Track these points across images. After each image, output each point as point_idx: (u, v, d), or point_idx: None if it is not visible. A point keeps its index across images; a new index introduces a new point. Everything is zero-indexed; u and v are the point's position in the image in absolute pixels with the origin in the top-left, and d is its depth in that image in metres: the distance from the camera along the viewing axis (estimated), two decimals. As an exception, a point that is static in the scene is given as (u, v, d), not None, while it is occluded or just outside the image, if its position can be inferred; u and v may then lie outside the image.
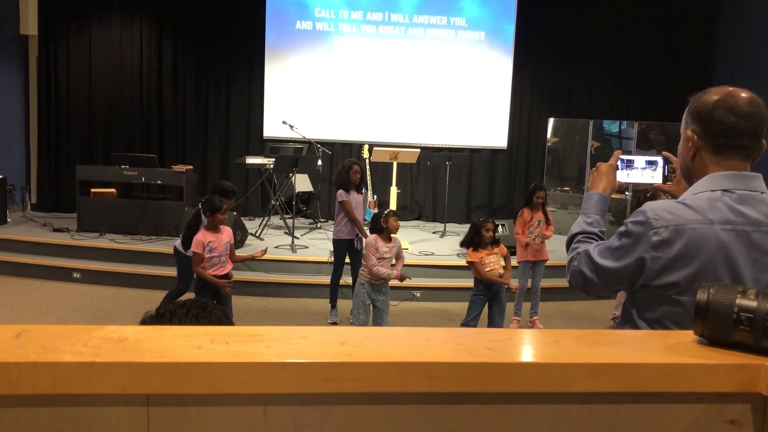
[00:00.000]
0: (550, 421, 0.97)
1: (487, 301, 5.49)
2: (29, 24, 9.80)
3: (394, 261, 5.51)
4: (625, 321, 1.74)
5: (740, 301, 1.01)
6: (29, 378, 0.87)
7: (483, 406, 0.96)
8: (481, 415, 0.96)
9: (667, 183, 1.99)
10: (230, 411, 0.92)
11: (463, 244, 5.69)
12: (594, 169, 1.98)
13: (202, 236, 5.00)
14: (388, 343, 1.00)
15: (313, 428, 0.94)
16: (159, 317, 1.41)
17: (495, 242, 5.49)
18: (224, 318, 1.48)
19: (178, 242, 5.60)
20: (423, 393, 0.94)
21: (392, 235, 5.48)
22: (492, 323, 5.48)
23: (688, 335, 1.07)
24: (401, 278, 5.50)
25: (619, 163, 1.99)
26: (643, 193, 6.65)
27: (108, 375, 0.88)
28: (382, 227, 5.37)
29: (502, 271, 5.42)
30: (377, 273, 5.32)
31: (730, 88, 1.63)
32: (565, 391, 0.96)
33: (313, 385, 0.91)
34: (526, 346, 1.04)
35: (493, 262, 5.40)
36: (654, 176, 1.99)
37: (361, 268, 5.48)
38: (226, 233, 5.14)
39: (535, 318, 6.36)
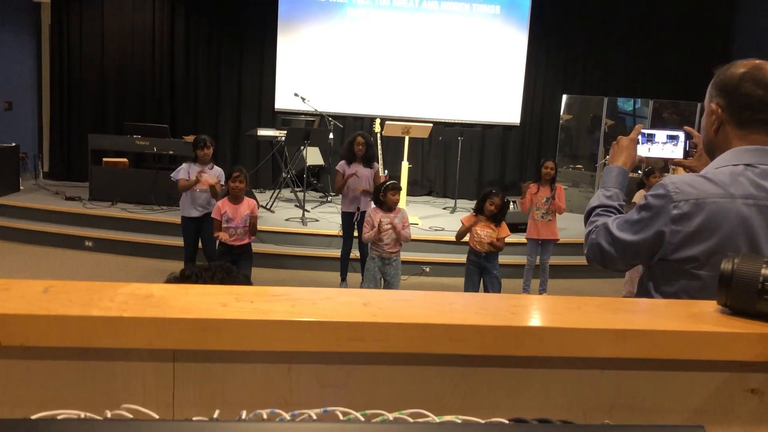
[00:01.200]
0: (572, 386, 0.98)
1: (480, 273, 5.49)
2: (42, -9, 9.78)
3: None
4: (641, 294, 1.73)
5: (766, 271, 1.01)
6: (58, 331, 0.88)
7: (505, 370, 0.97)
8: (502, 379, 0.97)
9: (688, 158, 1.98)
10: (255, 368, 0.93)
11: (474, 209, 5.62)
12: (615, 142, 1.97)
13: (221, 203, 5.16)
14: (412, 305, 1.00)
15: (336, 387, 0.95)
16: (184, 279, 1.42)
17: (497, 220, 5.41)
18: (247, 284, 1.49)
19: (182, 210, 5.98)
20: (445, 354, 0.94)
21: (399, 206, 5.47)
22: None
23: (711, 305, 1.07)
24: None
25: (639, 137, 1.97)
26: (646, 170, 6.58)
27: (135, 330, 0.89)
28: (380, 200, 5.38)
29: (487, 247, 5.37)
30: (366, 240, 5.36)
31: (757, 61, 1.61)
32: (587, 356, 0.96)
33: (337, 344, 0.92)
34: (549, 312, 1.05)
35: (483, 235, 5.36)
36: (675, 151, 1.97)
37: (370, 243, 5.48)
38: (247, 205, 5.21)
39: (544, 295, 6.38)
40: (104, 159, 8.68)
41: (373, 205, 5.59)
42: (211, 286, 1.07)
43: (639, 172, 8.71)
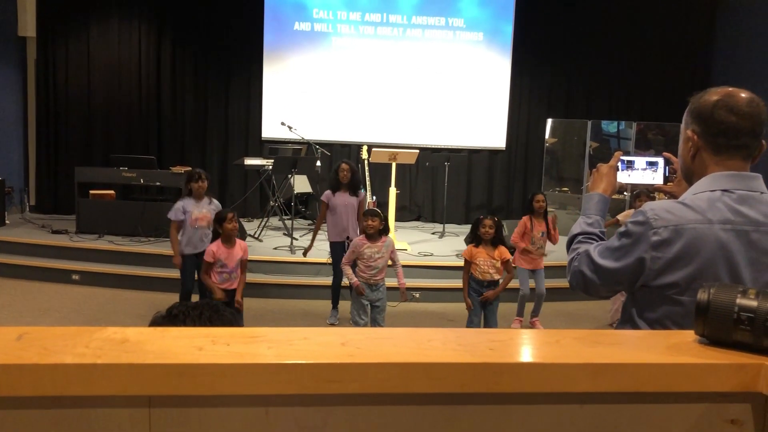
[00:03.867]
0: (552, 421, 0.98)
1: (483, 302, 5.39)
2: (27, 26, 9.79)
3: (390, 263, 5.44)
4: (625, 321, 1.74)
5: (741, 300, 1.01)
6: (31, 380, 0.87)
7: (484, 407, 0.96)
8: (482, 416, 0.96)
9: (668, 183, 2.00)
10: (232, 412, 0.92)
11: (466, 240, 5.51)
12: (595, 170, 1.99)
13: (215, 248, 5.03)
14: (390, 343, 1.00)
15: (314, 429, 0.94)
16: (172, 318, 1.41)
17: (495, 244, 5.34)
18: (236, 321, 1.48)
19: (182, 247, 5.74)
20: (424, 394, 0.94)
21: (386, 235, 5.38)
22: (487, 323, 5.43)
23: (689, 335, 1.07)
24: (361, 291, 5.28)
25: (619, 164, 1.99)
26: (634, 193, 6.57)
27: (109, 376, 0.88)
28: (363, 228, 5.36)
29: (495, 277, 5.33)
30: (345, 272, 5.36)
31: (730, 89, 1.64)
32: (567, 391, 0.96)
33: (315, 386, 0.91)
34: (527, 347, 1.04)
35: (484, 265, 5.29)
36: (655, 177, 1.99)
37: (356, 269, 5.43)
38: (240, 249, 5.12)
39: (535, 319, 6.35)
40: (91, 191, 8.65)
41: (358, 234, 5.57)
42: (188, 329, 1.06)
43: (625, 193, 8.80)
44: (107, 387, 0.88)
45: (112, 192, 8.87)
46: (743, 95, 1.61)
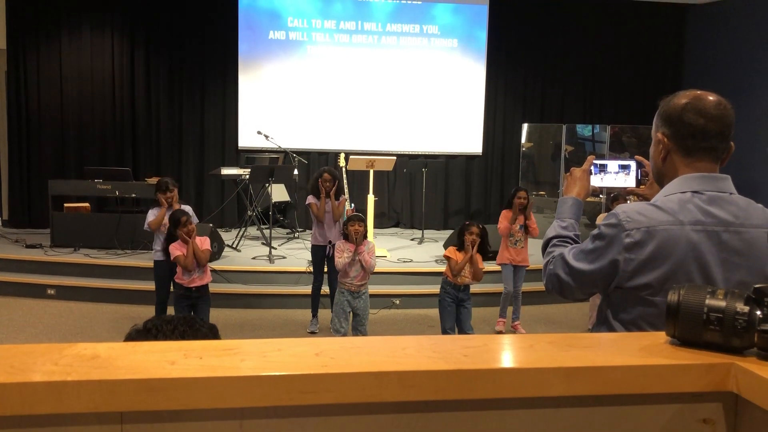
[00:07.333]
0: (527, 426, 0.98)
1: (456, 305, 5.42)
2: (-3, 38, 9.68)
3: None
4: (600, 323, 1.76)
5: (709, 301, 1.02)
6: (-2, 399, 0.85)
7: (460, 413, 0.96)
8: (458, 422, 0.97)
9: (640, 186, 2.02)
10: (206, 426, 0.92)
11: (446, 245, 5.53)
12: (568, 174, 2.01)
13: (172, 248, 5.06)
14: (364, 352, 1.00)
15: (290, 441, 0.93)
16: (146, 332, 1.39)
17: (481, 251, 5.34)
18: (211, 335, 1.46)
19: (155, 254, 5.67)
20: (399, 402, 0.94)
21: (367, 239, 5.47)
22: (461, 328, 5.44)
23: (661, 336, 1.08)
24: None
25: (592, 167, 2.01)
26: (611, 196, 6.69)
27: (80, 394, 0.87)
28: (345, 233, 5.41)
29: (467, 281, 5.36)
30: (339, 266, 5.33)
31: (699, 92, 1.66)
32: (541, 396, 0.96)
33: (289, 398, 0.90)
34: (501, 352, 1.05)
35: (464, 270, 5.33)
36: (627, 180, 2.02)
37: (339, 276, 5.45)
38: (199, 244, 5.12)
39: (517, 323, 6.39)
40: (65, 204, 8.54)
41: (342, 239, 5.59)
42: (160, 343, 1.05)
43: (601, 196, 8.89)
44: (78, 404, 0.87)
45: (86, 204, 8.77)
46: (711, 98, 1.64)
